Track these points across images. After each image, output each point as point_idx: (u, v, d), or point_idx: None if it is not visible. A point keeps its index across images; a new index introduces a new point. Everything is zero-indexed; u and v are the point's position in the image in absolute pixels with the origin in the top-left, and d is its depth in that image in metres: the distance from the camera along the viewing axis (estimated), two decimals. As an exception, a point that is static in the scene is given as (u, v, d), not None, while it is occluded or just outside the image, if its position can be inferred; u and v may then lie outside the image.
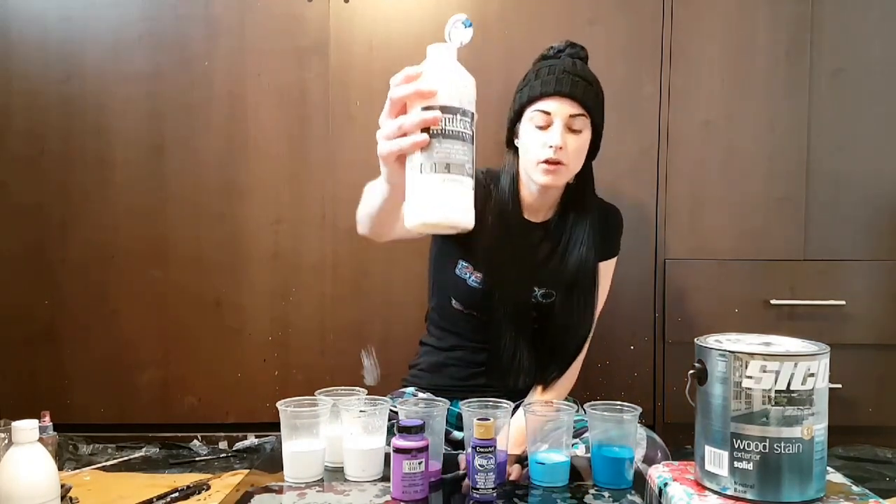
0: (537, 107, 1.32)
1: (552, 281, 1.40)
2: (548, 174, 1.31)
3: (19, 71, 1.88)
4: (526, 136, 1.35)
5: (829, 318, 1.84)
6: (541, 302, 1.41)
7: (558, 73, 1.32)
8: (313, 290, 1.91)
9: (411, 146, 0.81)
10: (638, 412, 1.13)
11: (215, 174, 1.90)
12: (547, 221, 1.45)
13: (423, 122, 0.80)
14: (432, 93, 0.81)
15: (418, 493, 1.05)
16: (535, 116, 1.32)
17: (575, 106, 1.31)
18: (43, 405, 1.72)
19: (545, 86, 1.31)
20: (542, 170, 1.31)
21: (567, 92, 1.30)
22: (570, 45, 1.39)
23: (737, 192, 1.88)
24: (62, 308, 1.90)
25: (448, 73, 0.83)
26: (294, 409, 1.16)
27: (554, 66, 1.33)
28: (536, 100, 1.32)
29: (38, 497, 1.03)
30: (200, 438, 1.92)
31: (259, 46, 1.89)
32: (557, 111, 1.30)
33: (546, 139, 1.30)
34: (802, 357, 0.91)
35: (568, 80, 1.31)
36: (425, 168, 0.80)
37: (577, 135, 1.32)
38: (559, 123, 1.30)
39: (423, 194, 0.80)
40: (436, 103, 0.81)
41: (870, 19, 1.86)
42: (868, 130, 1.86)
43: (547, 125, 1.31)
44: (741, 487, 0.92)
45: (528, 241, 1.42)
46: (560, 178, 1.33)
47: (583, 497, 1.07)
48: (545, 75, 1.33)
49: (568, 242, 1.40)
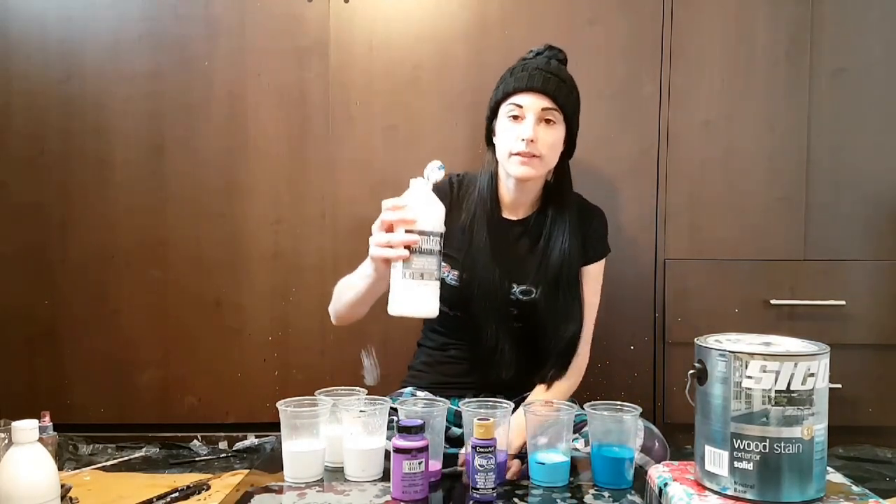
0: (511, 101, 1.36)
1: (531, 278, 1.41)
2: (522, 165, 1.35)
3: (19, 71, 1.88)
4: (500, 131, 1.39)
5: (830, 319, 1.84)
6: (520, 299, 1.41)
7: (531, 70, 1.36)
8: (313, 290, 1.91)
9: (396, 258, 1.11)
10: (638, 412, 1.14)
11: (215, 174, 1.90)
12: (525, 219, 1.46)
13: (405, 242, 1.10)
14: (413, 221, 1.11)
15: (418, 494, 1.05)
16: (509, 109, 1.37)
17: (547, 100, 1.35)
18: (43, 405, 1.72)
19: (518, 81, 1.36)
20: (516, 162, 1.35)
21: (539, 87, 1.34)
22: (549, 48, 1.44)
23: (737, 192, 1.88)
24: (62, 308, 1.90)
25: (424, 204, 1.13)
26: (294, 409, 1.16)
27: (528, 64, 1.39)
28: (510, 95, 1.37)
29: (38, 497, 1.03)
30: (200, 438, 1.92)
31: (259, 46, 1.89)
32: (530, 105, 1.35)
33: (519, 132, 1.34)
34: (802, 357, 0.91)
35: (540, 76, 1.35)
36: (405, 275, 1.12)
37: (550, 126, 1.36)
38: (531, 117, 1.34)
39: (403, 294, 1.12)
40: (415, 228, 1.11)
41: (870, 19, 1.86)
42: (868, 130, 1.86)
43: (520, 118, 1.36)
44: (741, 487, 0.92)
45: (506, 238, 1.44)
46: (534, 170, 1.36)
47: (583, 497, 1.07)
48: (519, 72, 1.38)
49: (547, 240, 1.42)
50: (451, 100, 1.87)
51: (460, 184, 1.48)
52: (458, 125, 1.89)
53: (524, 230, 1.46)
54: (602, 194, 1.79)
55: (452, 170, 1.87)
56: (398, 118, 1.89)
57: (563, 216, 1.42)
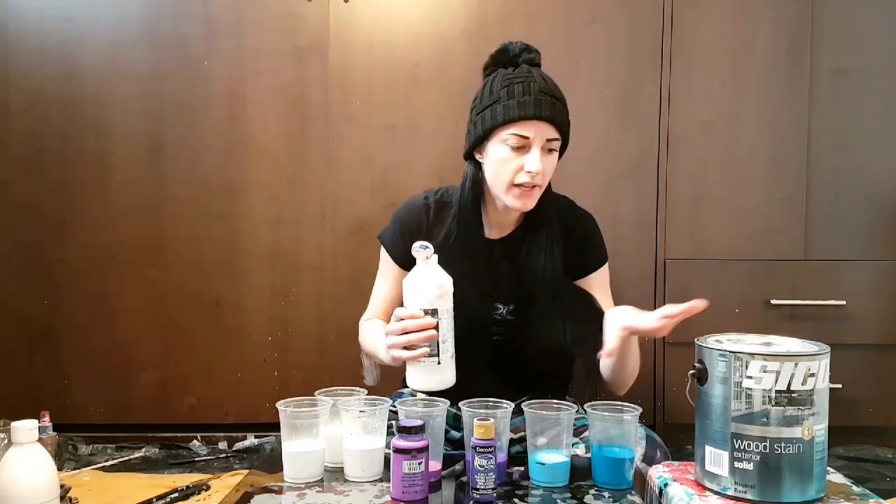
0: (514, 130, 1.25)
1: (515, 297, 1.36)
2: (522, 198, 1.28)
3: (19, 70, 1.88)
4: (498, 157, 1.28)
5: (830, 318, 1.84)
6: (507, 319, 1.37)
7: (535, 94, 1.25)
8: (313, 289, 1.91)
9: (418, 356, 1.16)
10: (638, 412, 1.13)
11: (214, 174, 1.90)
12: (509, 236, 1.40)
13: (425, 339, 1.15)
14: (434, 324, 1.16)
15: (418, 494, 1.05)
16: (511, 139, 1.25)
17: (552, 130, 1.26)
18: (42, 405, 1.72)
19: (523, 108, 1.24)
20: (515, 194, 1.27)
21: (548, 116, 1.25)
22: (526, 49, 1.32)
23: (737, 191, 1.88)
24: (61, 308, 1.90)
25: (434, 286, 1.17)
26: (294, 409, 1.16)
27: (528, 84, 1.26)
28: (514, 122, 1.25)
29: (37, 497, 1.03)
30: (200, 439, 1.92)
31: (258, 46, 1.89)
32: (536, 136, 1.25)
33: (523, 163, 1.25)
34: (803, 357, 0.91)
35: (548, 103, 1.25)
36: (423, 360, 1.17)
37: (551, 156, 1.29)
38: (536, 149, 1.25)
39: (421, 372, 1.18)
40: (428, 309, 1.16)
41: (870, 19, 1.85)
42: (868, 130, 1.86)
43: (523, 147, 1.25)
44: (741, 488, 0.92)
45: (488, 258, 1.38)
46: (533, 202, 1.30)
47: (583, 497, 1.07)
48: (520, 95, 1.25)
49: (526, 256, 1.35)
50: (450, 99, 1.87)
51: (437, 204, 1.41)
52: (457, 125, 1.87)
53: (506, 249, 1.39)
54: (602, 194, 1.80)
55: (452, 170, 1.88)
56: (398, 118, 1.89)
57: (541, 230, 1.35)
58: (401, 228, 1.42)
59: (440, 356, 1.16)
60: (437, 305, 1.15)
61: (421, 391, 1.21)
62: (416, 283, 1.17)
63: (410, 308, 1.16)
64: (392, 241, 1.44)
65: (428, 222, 1.40)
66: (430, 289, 1.15)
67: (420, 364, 1.16)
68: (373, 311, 1.49)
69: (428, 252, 1.16)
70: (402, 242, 1.39)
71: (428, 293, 1.15)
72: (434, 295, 1.15)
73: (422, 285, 1.16)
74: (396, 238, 1.43)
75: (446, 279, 1.17)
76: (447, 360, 1.17)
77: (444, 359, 1.16)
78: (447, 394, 1.24)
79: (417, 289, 1.16)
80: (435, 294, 1.15)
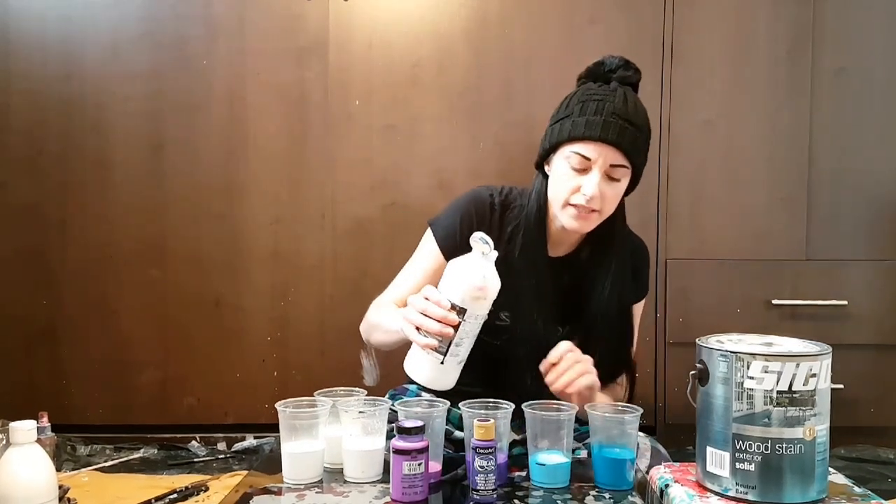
0: (576, 148, 1.18)
1: (574, 320, 1.31)
2: (577, 220, 1.21)
3: (18, 70, 1.88)
4: (559, 173, 1.22)
5: (831, 319, 1.83)
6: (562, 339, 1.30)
7: (606, 115, 1.17)
8: (313, 290, 1.91)
9: (425, 346, 1.06)
10: (639, 413, 1.13)
11: (214, 174, 1.90)
12: (568, 255, 1.33)
13: (441, 333, 1.04)
14: (455, 322, 1.04)
15: (418, 495, 1.04)
16: (573, 158, 1.19)
17: (619, 156, 1.18)
18: (41, 406, 1.71)
19: (590, 128, 1.17)
20: (570, 214, 1.21)
21: (613, 140, 1.17)
22: (625, 66, 1.24)
23: (738, 191, 1.88)
24: (60, 308, 1.90)
25: (477, 289, 1.05)
26: (293, 409, 1.16)
27: (603, 104, 1.19)
28: (577, 140, 1.18)
29: (36, 498, 1.02)
30: (199, 439, 1.92)
31: (258, 46, 1.89)
32: (598, 159, 1.17)
33: (581, 185, 1.18)
34: (804, 357, 0.91)
35: (616, 126, 1.17)
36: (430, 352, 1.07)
37: (614, 183, 1.20)
38: (597, 172, 1.17)
39: (422, 363, 1.09)
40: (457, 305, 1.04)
41: (871, 19, 1.85)
42: (870, 130, 1.86)
43: (584, 169, 1.18)
44: (743, 488, 0.92)
45: (550, 278, 1.30)
46: (590, 225, 1.22)
47: (584, 498, 1.06)
48: (591, 113, 1.18)
49: (593, 279, 1.29)
50: (450, 99, 1.87)
51: (503, 206, 1.32)
52: (457, 124, 1.88)
53: (566, 268, 1.32)
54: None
55: (452, 170, 1.88)
56: (397, 117, 1.89)
57: (608, 256, 1.28)
58: (461, 220, 1.31)
59: (446, 357, 1.06)
60: (468, 306, 1.04)
61: (417, 380, 1.12)
62: (458, 273, 1.05)
63: (441, 295, 1.05)
64: (447, 230, 1.32)
65: (490, 221, 1.30)
66: (469, 286, 1.04)
67: (423, 352, 1.07)
68: (393, 297, 1.37)
69: (487, 247, 1.05)
70: (460, 234, 1.28)
71: (465, 290, 1.04)
72: (471, 295, 1.04)
73: (463, 279, 1.04)
74: (454, 227, 1.31)
75: (493, 284, 1.06)
76: (452, 363, 1.08)
77: (450, 361, 1.07)
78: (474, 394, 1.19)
79: (457, 280, 1.05)
80: (472, 294, 1.04)
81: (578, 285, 1.31)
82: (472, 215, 1.30)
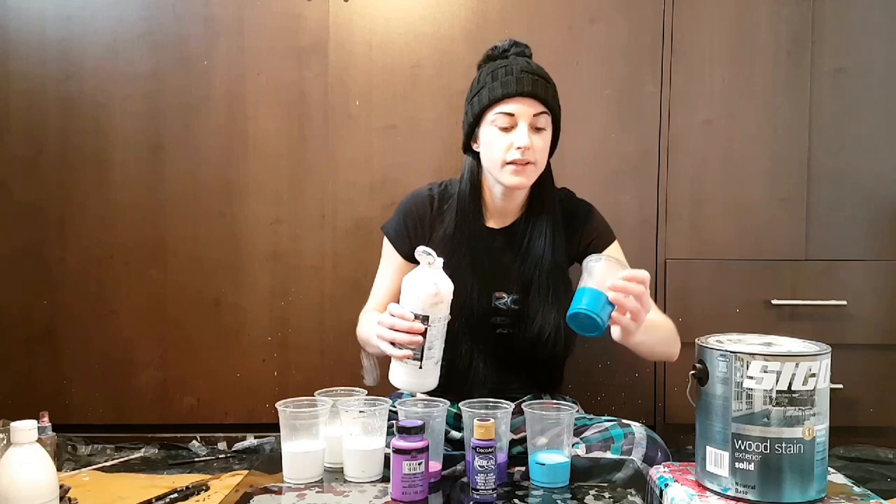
0: (500, 109, 1.30)
1: (519, 286, 1.37)
2: (517, 175, 1.30)
3: (18, 70, 1.88)
4: (488, 140, 1.33)
5: (831, 319, 1.83)
6: (511, 308, 1.38)
7: (517, 73, 1.30)
8: (312, 289, 1.91)
9: (401, 357, 1.15)
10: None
11: (214, 174, 1.90)
12: (511, 225, 1.42)
13: (411, 342, 1.13)
14: (421, 331, 1.14)
15: (418, 495, 1.04)
16: (498, 119, 1.31)
17: (537, 105, 1.30)
18: (42, 406, 1.71)
19: (506, 87, 1.30)
20: (510, 171, 1.30)
21: (529, 91, 1.29)
22: (515, 44, 1.38)
23: (737, 191, 1.88)
24: (61, 308, 1.90)
25: (430, 294, 1.14)
26: (293, 409, 1.16)
27: (510, 67, 1.32)
28: (498, 102, 1.30)
29: (37, 498, 1.03)
30: (199, 439, 1.92)
31: (258, 46, 1.89)
32: (521, 112, 1.30)
33: (513, 140, 1.29)
34: (804, 357, 0.91)
35: (529, 79, 1.30)
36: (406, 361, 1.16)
37: (541, 133, 1.32)
38: (524, 124, 1.29)
39: (401, 371, 1.17)
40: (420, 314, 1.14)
41: (871, 19, 1.85)
42: (869, 130, 1.86)
43: (511, 126, 1.30)
44: (742, 488, 0.92)
45: (489, 248, 1.39)
46: (530, 178, 1.32)
47: (583, 498, 1.06)
48: (503, 76, 1.31)
49: (529, 244, 1.38)
50: (450, 99, 1.86)
51: (441, 197, 1.44)
52: (457, 124, 1.87)
53: (509, 238, 1.41)
54: (602, 194, 1.79)
55: (452, 170, 1.88)
56: (398, 118, 1.89)
57: (543, 217, 1.38)
58: (404, 219, 1.44)
59: (423, 361, 1.14)
60: (429, 313, 1.13)
61: (400, 388, 1.20)
62: (413, 286, 1.15)
63: (404, 308, 1.15)
64: (396, 232, 1.45)
65: (431, 213, 1.42)
66: (425, 295, 1.13)
67: (403, 362, 1.16)
68: (374, 304, 1.49)
69: (430, 258, 1.14)
70: (406, 233, 1.43)
71: (422, 299, 1.13)
72: (428, 303, 1.13)
73: (418, 290, 1.14)
74: (400, 229, 1.44)
75: (445, 288, 1.15)
76: (430, 365, 1.16)
77: (427, 364, 1.15)
78: (450, 389, 1.24)
79: (413, 293, 1.14)
80: (429, 302, 1.13)
81: (524, 251, 1.39)
82: (413, 212, 1.44)
